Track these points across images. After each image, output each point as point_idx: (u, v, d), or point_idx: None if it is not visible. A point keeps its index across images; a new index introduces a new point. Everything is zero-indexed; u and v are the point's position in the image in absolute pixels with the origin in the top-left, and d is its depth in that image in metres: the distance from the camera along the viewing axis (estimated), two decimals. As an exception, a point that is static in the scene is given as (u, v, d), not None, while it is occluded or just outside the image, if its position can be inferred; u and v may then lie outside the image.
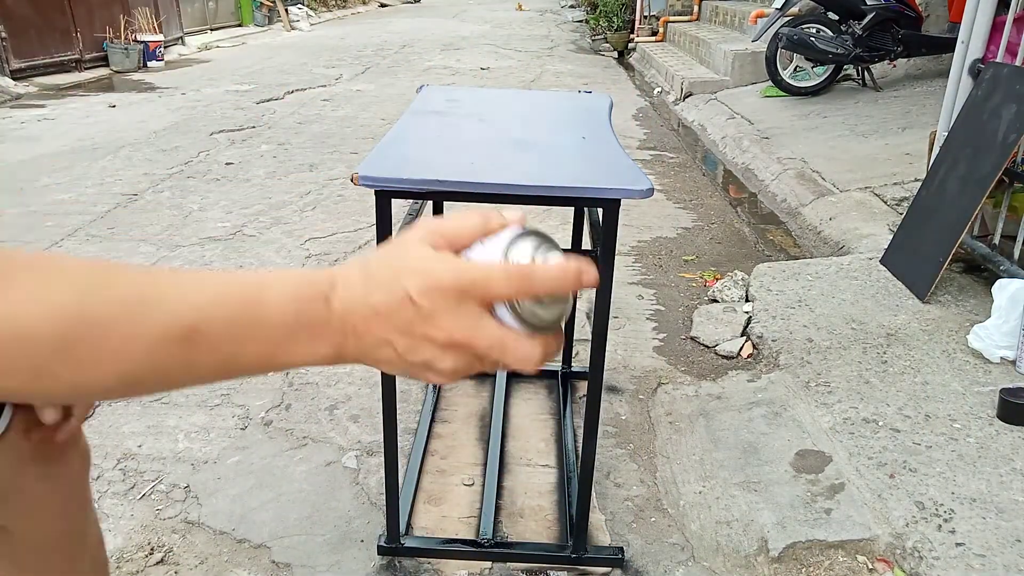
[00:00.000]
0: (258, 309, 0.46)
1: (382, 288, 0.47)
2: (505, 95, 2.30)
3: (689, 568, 1.67)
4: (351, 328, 0.48)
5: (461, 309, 0.47)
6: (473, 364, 0.49)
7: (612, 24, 10.68)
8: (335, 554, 1.68)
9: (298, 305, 0.47)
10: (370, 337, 0.48)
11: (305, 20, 12.75)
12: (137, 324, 0.43)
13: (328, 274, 0.49)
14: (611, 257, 1.43)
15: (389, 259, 0.49)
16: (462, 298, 0.46)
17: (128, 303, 0.44)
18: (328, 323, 0.48)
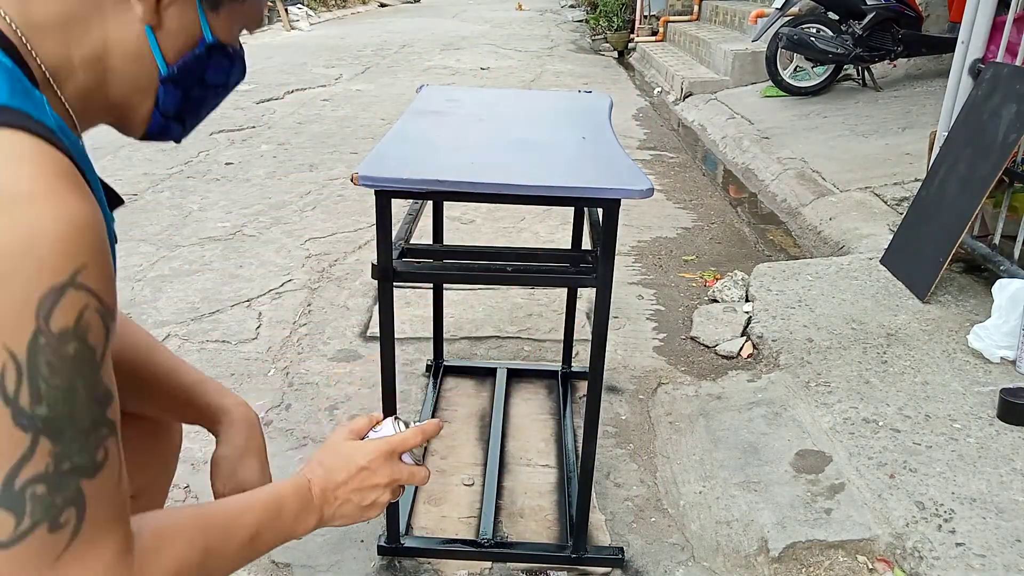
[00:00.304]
0: (282, 512, 0.79)
1: (341, 469, 0.83)
2: (505, 95, 2.31)
3: (689, 568, 1.67)
4: (327, 500, 0.82)
5: (388, 462, 0.85)
6: (398, 491, 0.88)
7: (612, 24, 10.68)
8: (335, 554, 1.68)
9: (299, 501, 0.80)
10: (338, 501, 0.83)
11: (305, 20, 12.75)
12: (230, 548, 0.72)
13: (305, 478, 0.82)
14: (611, 257, 1.43)
15: (334, 454, 0.85)
16: (390, 456, 0.86)
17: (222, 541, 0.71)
18: (313, 504, 0.81)
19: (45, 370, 0.52)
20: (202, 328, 2.67)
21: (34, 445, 0.52)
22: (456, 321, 2.74)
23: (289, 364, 2.46)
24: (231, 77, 0.78)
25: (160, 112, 0.73)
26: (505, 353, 2.58)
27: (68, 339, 0.53)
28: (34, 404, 0.52)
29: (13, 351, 0.51)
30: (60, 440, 0.53)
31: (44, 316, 0.51)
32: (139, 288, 2.97)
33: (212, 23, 0.71)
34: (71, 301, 0.53)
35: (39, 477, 0.53)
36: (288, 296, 2.94)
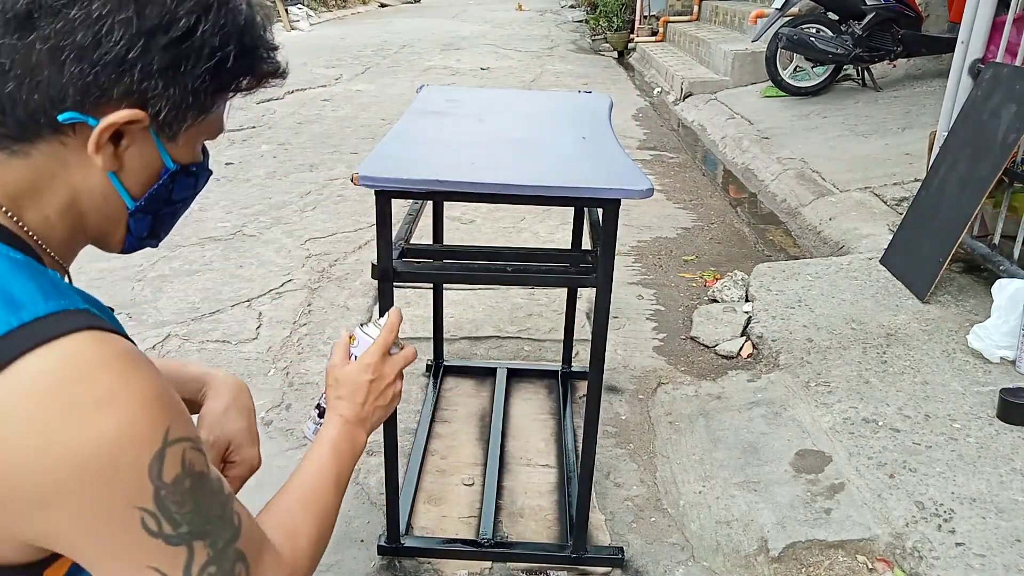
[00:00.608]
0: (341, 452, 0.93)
1: (357, 393, 0.98)
2: (505, 95, 2.31)
3: (689, 568, 1.67)
4: (363, 419, 0.98)
5: (385, 363, 1.00)
6: (399, 382, 1.02)
7: (612, 24, 10.68)
8: (335, 554, 1.68)
9: (346, 436, 0.95)
10: (370, 414, 0.99)
11: (305, 20, 12.75)
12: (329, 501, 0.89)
13: (338, 415, 0.97)
14: (611, 257, 1.43)
15: (343, 384, 0.98)
16: (383, 359, 1.00)
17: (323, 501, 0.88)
18: (355, 429, 0.97)
19: (174, 508, 0.64)
20: (202, 328, 2.68)
21: (191, 550, 0.65)
22: (456, 321, 2.74)
23: (289, 364, 2.46)
24: (198, 187, 0.80)
25: (133, 236, 0.77)
26: (505, 353, 2.58)
27: (182, 480, 0.64)
28: (177, 528, 0.64)
29: (144, 507, 0.62)
30: (207, 535, 0.67)
31: (157, 477, 0.62)
32: (139, 288, 2.97)
33: (172, 152, 0.72)
34: (172, 456, 0.63)
35: (206, 564, 0.66)
36: (288, 296, 2.94)
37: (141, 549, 0.63)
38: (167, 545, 0.64)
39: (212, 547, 0.67)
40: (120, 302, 2.85)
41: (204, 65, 0.68)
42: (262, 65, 0.73)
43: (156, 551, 0.63)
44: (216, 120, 0.75)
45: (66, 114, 0.65)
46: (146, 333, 2.63)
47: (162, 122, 0.69)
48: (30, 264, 0.66)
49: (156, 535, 0.63)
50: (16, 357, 0.58)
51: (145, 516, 0.62)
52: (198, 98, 0.69)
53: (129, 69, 0.65)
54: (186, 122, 0.70)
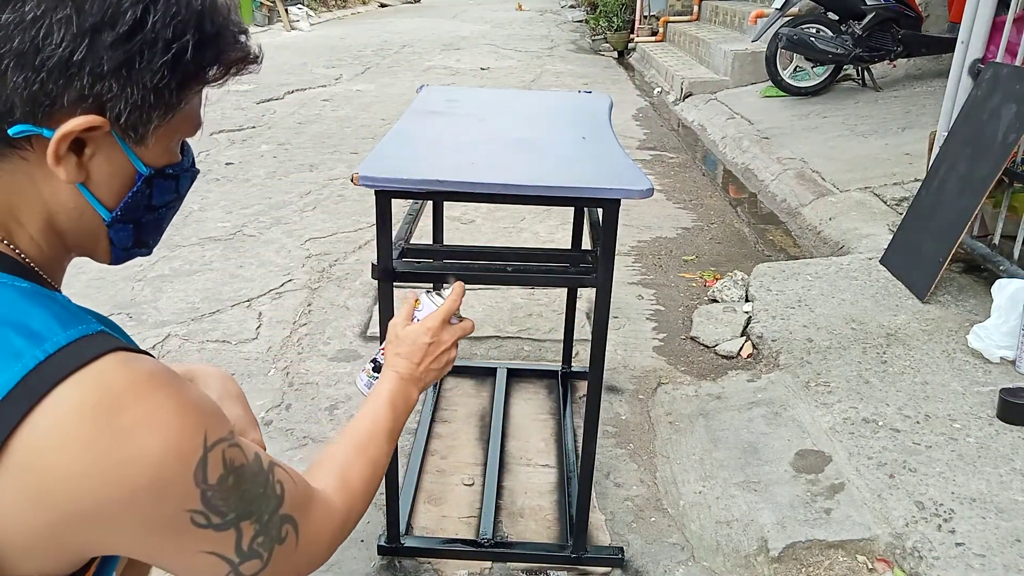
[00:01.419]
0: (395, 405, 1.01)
1: (415, 353, 1.06)
2: (505, 95, 2.31)
3: (689, 568, 1.67)
4: (417, 378, 1.06)
5: (444, 329, 1.08)
6: (454, 349, 1.10)
7: (612, 24, 10.67)
8: (335, 554, 1.68)
9: (401, 392, 1.03)
10: (424, 374, 1.06)
11: (305, 20, 12.75)
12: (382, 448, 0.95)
13: (394, 371, 1.05)
14: (611, 257, 1.43)
15: (404, 342, 1.07)
16: (443, 325, 1.09)
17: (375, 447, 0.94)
18: (409, 387, 1.05)
19: (220, 503, 0.66)
20: (202, 328, 2.68)
21: (239, 530, 0.68)
22: (456, 321, 2.73)
23: (289, 364, 2.46)
24: (181, 189, 0.76)
25: (117, 247, 0.74)
26: (505, 353, 2.58)
27: (226, 478, 0.66)
28: (223, 517, 0.67)
29: (193, 508, 0.64)
30: (252, 514, 0.69)
31: (203, 481, 0.64)
32: (139, 288, 2.97)
33: (143, 155, 0.68)
34: (214, 459, 0.65)
35: (254, 537, 0.70)
36: (288, 296, 2.94)
37: (193, 540, 0.65)
38: (216, 532, 0.67)
39: (258, 522, 0.70)
40: (120, 302, 2.85)
41: (160, 59, 0.63)
42: (229, 52, 0.68)
43: (207, 539, 0.66)
44: (189, 116, 0.71)
45: (16, 127, 0.61)
46: (146, 333, 2.63)
47: (125, 125, 0.65)
48: (37, 291, 0.65)
49: (206, 527, 0.65)
50: (49, 390, 0.58)
51: (194, 515, 0.64)
52: (161, 96, 0.65)
53: (77, 72, 0.60)
54: (152, 123, 0.66)
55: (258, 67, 0.73)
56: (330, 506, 0.82)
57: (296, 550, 0.75)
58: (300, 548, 0.75)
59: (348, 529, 0.85)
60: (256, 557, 0.70)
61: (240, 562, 0.69)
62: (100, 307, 2.91)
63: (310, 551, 0.78)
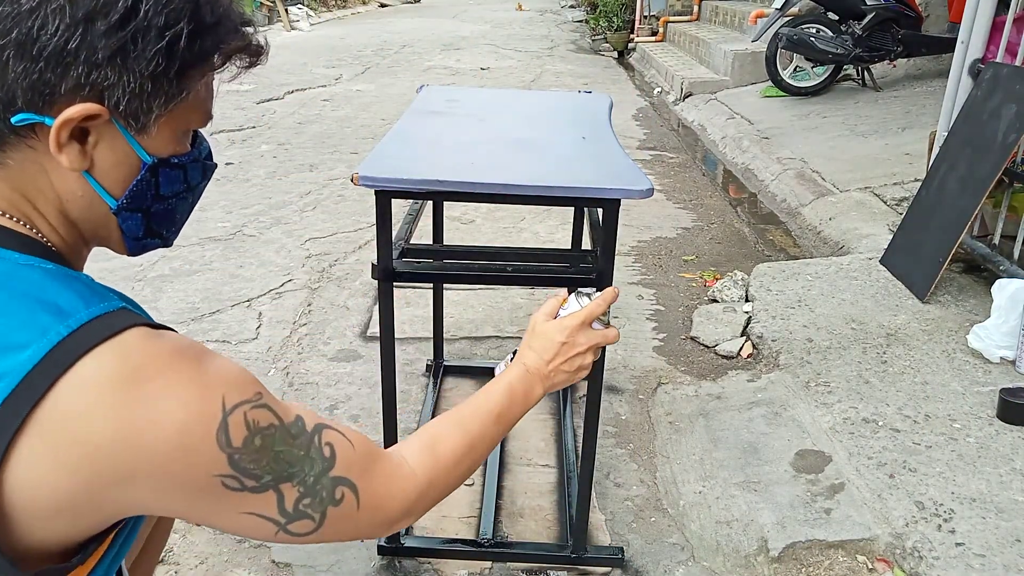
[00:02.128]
0: (513, 395, 0.97)
1: (546, 350, 1.01)
2: (505, 95, 2.31)
3: (689, 568, 1.67)
4: (544, 375, 1.01)
5: (581, 332, 1.02)
6: (597, 352, 1.05)
7: (612, 24, 10.67)
8: (335, 554, 1.68)
9: (523, 385, 0.99)
10: (553, 374, 1.01)
11: (305, 20, 12.75)
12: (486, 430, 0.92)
13: (523, 364, 1.01)
14: (611, 257, 1.43)
15: (538, 336, 1.02)
16: (582, 327, 1.03)
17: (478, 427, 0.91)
18: (535, 382, 1.00)
19: (251, 465, 0.67)
20: (202, 328, 2.68)
21: (279, 492, 0.69)
22: (456, 321, 2.74)
23: (289, 364, 2.46)
24: (191, 180, 0.77)
25: (129, 237, 0.75)
26: (505, 353, 2.58)
27: (251, 439, 0.67)
28: (260, 480, 0.67)
29: (222, 473, 0.65)
30: (292, 476, 0.70)
31: (227, 445, 0.65)
32: (139, 288, 2.97)
33: (146, 144, 0.69)
34: (235, 422, 0.66)
35: (300, 499, 0.70)
36: (288, 296, 2.94)
37: (231, 503, 0.67)
38: (254, 494, 0.68)
39: (302, 484, 0.70)
40: (120, 302, 2.85)
41: (154, 47, 0.64)
42: (230, 41, 0.70)
43: (245, 501, 0.67)
44: (195, 106, 0.72)
45: (18, 116, 0.63)
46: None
47: (125, 114, 0.66)
48: (61, 271, 0.67)
49: (240, 490, 0.67)
50: (74, 361, 0.60)
51: (225, 479, 0.66)
52: (159, 84, 0.66)
53: (72, 61, 0.62)
54: (153, 111, 0.67)
55: (264, 59, 0.75)
56: (404, 471, 0.81)
57: (358, 513, 0.75)
58: (363, 511, 0.76)
59: (429, 499, 0.84)
60: (305, 518, 0.71)
61: (287, 522, 0.70)
62: (100, 307, 2.92)
63: (377, 515, 0.78)
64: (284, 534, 0.71)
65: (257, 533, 0.70)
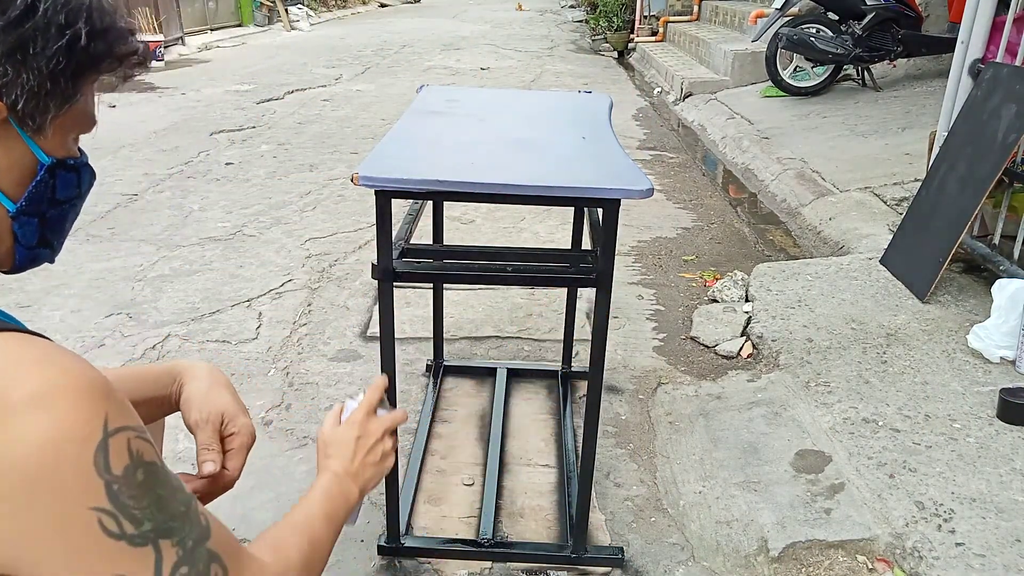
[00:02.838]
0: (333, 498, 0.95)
1: (346, 449, 1.01)
2: (505, 95, 2.31)
3: (689, 568, 1.67)
4: (354, 475, 1.00)
5: (370, 421, 1.04)
6: (388, 440, 1.06)
7: (612, 24, 10.68)
8: (335, 554, 1.67)
9: (337, 487, 0.97)
10: (361, 471, 1.01)
11: (305, 20, 12.75)
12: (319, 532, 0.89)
13: (330, 471, 0.98)
14: (611, 257, 1.43)
15: (333, 444, 1.01)
16: (368, 418, 1.04)
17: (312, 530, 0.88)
18: (347, 483, 0.98)
19: (132, 503, 0.61)
20: (202, 328, 2.68)
21: (158, 550, 0.63)
22: (456, 321, 2.74)
23: (289, 364, 2.46)
24: (82, 186, 0.75)
25: (22, 245, 0.72)
26: (505, 353, 2.58)
27: (133, 470, 0.62)
28: (139, 527, 0.61)
29: (99, 506, 0.59)
30: (173, 533, 0.64)
31: (105, 470, 0.59)
32: (139, 288, 2.97)
33: (43, 145, 0.68)
34: (116, 446, 0.60)
35: (178, 565, 0.64)
36: (288, 296, 2.94)
37: (105, 555, 0.59)
38: (131, 547, 0.61)
39: (181, 545, 0.64)
40: (120, 302, 2.85)
41: (54, 45, 0.63)
42: (120, 45, 0.69)
43: (121, 555, 0.60)
44: (83, 111, 0.71)
45: None
46: (146, 333, 2.63)
47: (23, 113, 0.65)
48: None
49: (118, 537, 0.60)
50: None
51: (103, 517, 0.59)
52: (57, 83, 0.65)
53: None
54: (49, 112, 0.66)
55: (147, 68, 0.75)
56: (264, 565, 0.75)
57: None
58: None
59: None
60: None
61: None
62: (100, 307, 2.93)
63: None
64: None
65: None
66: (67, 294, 2.87)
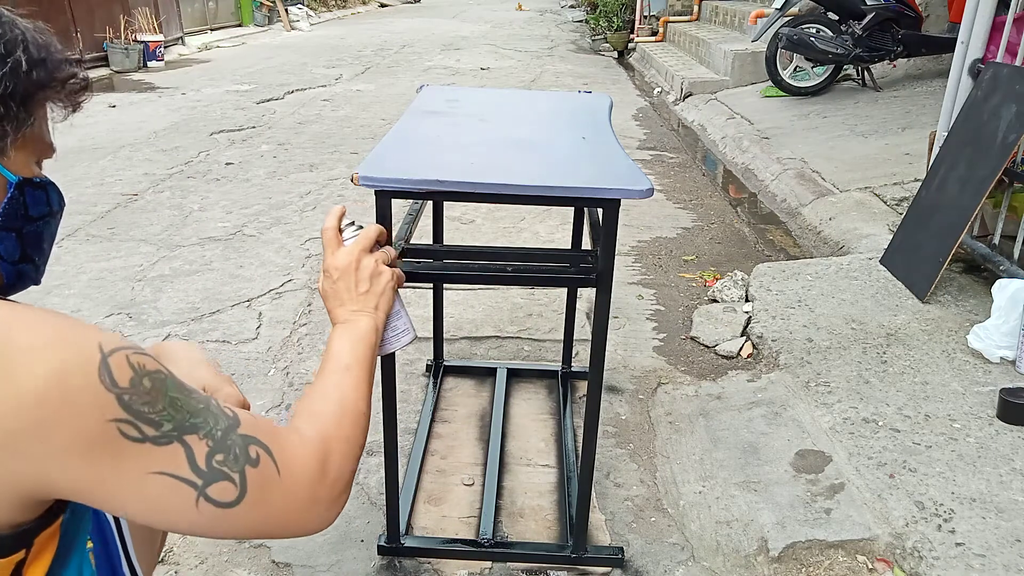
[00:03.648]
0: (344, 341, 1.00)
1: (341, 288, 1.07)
2: (505, 95, 2.30)
3: (689, 568, 1.67)
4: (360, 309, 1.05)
5: (365, 257, 1.10)
6: (379, 260, 1.11)
7: (612, 24, 10.68)
8: (335, 554, 1.68)
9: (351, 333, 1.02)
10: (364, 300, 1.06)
11: (305, 20, 12.75)
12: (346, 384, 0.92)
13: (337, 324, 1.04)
14: (611, 257, 1.43)
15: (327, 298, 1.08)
16: (361, 254, 1.10)
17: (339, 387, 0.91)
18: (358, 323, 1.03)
19: (146, 408, 0.64)
20: (202, 328, 2.68)
21: (186, 444, 0.66)
22: (456, 321, 2.74)
23: (289, 364, 2.46)
24: (52, 204, 0.80)
25: (6, 261, 0.76)
26: (505, 353, 2.58)
27: (139, 380, 0.65)
28: (159, 428, 0.65)
29: (115, 417, 0.63)
30: (197, 428, 0.67)
31: (112, 385, 0.63)
32: (139, 288, 2.97)
33: (8, 165, 0.73)
34: (117, 362, 0.64)
35: (211, 454, 0.67)
36: (288, 296, 2.94)
37: (134, 460, 0.64)
38: (157, 447, 0.64)
39: (210, 437, 0.68)
40: (120, 302, 2.85)
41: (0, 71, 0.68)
42: (60, 71, 0.74)
43: (149, 456, 0.64)
44: (40, 137, 0.75)
45: None
46: (146, 333, 2.63)
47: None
48: None
49: (141, 440, 0.64)
50: None
51: (121, 426, 0.63)
52: (9, 107, 0.69)
53: None
54: (8, 135, 0.71)
55: (90, 92, 0.79)
56: (302, 434, 0.79)
57: (280, 480, 0.72)
58: (284, 478, 0.73)
59: (333, 464, 0.80)
60: (224, 479, 0.68)
61: (205, 484, 0.66)
62: (100, 307, 2.92)
63: (299, 483, 0.75)
64: (206, 503, 0.67)
65: (175, 504, 0.66)
66: (67, 294, 2.87)
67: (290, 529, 0.75)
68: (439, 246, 2.18)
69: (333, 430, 0.83)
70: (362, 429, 0.88)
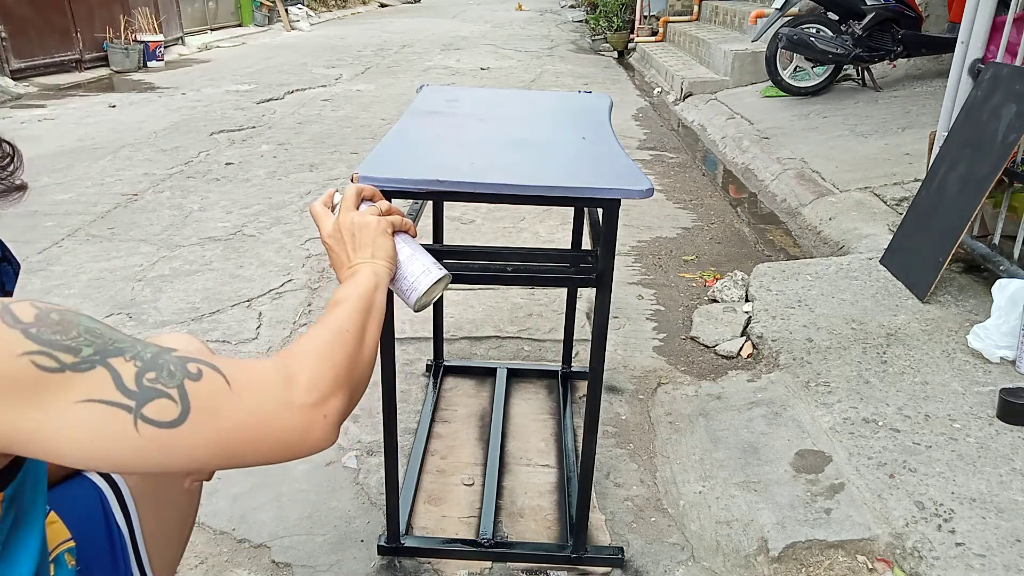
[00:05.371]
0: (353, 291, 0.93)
1: (340, 241, 1.05)
2: (505, 95, 2.30)
3: (689, 568, 1.67)
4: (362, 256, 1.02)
5: (350, 214, 1.07)
6: (368, 218, 1.05)
7: (612, 24, 10.68)
8: (335, 554, 1.68)
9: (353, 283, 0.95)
10: (358, 248, 1.03)
11: (305, 20, 12.75)
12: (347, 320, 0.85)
13: (342, 278, 0.99)
14: (611, 257, 1.43)
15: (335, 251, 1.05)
16: (350, 212, 1.08)
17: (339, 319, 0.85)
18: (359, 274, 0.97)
19: (57, 337, 0.61)
20: (202, 328, 2.68)
21: (111, 368, 0.62)
22: (456, 321, 2.74)
23: (289, 364, 2.45)
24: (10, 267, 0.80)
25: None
26: (505, 353, 2.58)
27: (45, 315, 0.62)
28: (76, 354, 0.61)
29: (26, 350, 0.59)
30: (123, 352, 0.63)
31: (15, 322, 0.60)
32: (139, 288, 2.97)
33: None
34: (18, 307, 0.62)
35: (141, 373, 0.63)
36: (288, 296, 2.94)
37: (57, 391, 0.60)
38: (79, 373, 0.61)
39: (138, 358, 0.64)
40: (120, 302, 2.85)
41: None
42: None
43: (71, 385, 0.60)
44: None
45: None
46: (146, 333, 2.63)
47: None
48: None
49: (60, 369, 0.60)
50: None
51: (34, 358, 0.59)
52: None
53: None
54: None
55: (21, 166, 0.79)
56: (254, 362, 0.72)
57: (231, 392, 0.67)
58: (237, 390, 0.67)
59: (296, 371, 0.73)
60: (160, 395, 0.63)
61: (139, 404, 0.62)
62: (100, 307, 2.92)
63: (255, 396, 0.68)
64: (145, 424, 0.62)
65: (112, 432, 0.61)
66: (67, 294, 2.87)
67: (277, 440, 0.69)
68: (439, 246, 2.18)
69: (303, 343, 0.77)
70: (345, 345, 0.80)
